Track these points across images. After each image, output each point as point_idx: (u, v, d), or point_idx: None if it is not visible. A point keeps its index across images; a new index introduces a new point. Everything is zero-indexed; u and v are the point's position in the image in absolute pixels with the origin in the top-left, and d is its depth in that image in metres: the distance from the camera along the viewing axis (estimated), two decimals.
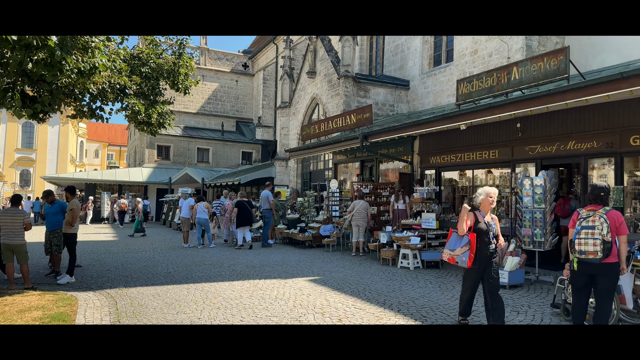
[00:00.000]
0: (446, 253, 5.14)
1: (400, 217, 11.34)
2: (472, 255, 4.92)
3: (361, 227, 11.34)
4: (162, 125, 8.32)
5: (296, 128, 22.27)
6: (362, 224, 11.30)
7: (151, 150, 30.34)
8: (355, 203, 11.41)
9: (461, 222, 4.98)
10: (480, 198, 5.07)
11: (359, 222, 11.23)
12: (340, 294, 7.09)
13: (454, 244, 5.04)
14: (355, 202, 11.51)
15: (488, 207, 5.07)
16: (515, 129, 10.07)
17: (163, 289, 7.72)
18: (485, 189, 5.14)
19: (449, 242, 5.13)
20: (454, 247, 5.01)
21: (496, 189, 5.26)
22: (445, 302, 6.49)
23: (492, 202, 5.06)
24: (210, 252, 12.39)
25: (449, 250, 5.08)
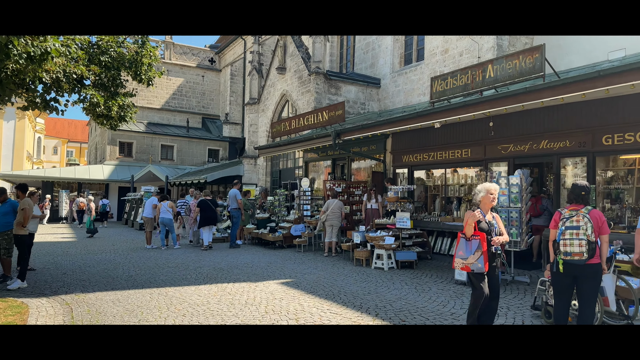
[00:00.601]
0: (458, 262, 4.68)
1: (373, 217, 11.12)
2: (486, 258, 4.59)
3: (335, 227, 11.06)
4: (124, 118, 7.77)
5: (265, 125, 21.81)
6: (337, 223, 11.03)
7: (113, 147, 29.18)
8: (330, 202, 11.11)
9: (469, 227, 4.62)
10: (480, 195, 4.76)
11: (333, 221, 10.95)
12: (315, 297, 6.77)
13: (465, 251, 4.63)
14: (329, 201, 11.21)
15: (489, 205, 4.76)
16: (488, 128, 10.01)
17: (124, 294, 7.21)
18: (485, 185, 4.82)
19: (459, 250, 4.71)
20: (467, 254, 4.59)
21: (497, 185, 4.97)
22: (423, 305, 6.27)
23: (493, 199, 4.75)
24: (174, 254, 11.83)
25: (461, 259, 4.64)
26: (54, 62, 5.60)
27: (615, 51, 10.87)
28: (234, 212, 13.05)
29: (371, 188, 11.86)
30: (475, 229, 4.60)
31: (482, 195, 4.73)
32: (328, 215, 10.96)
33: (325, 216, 10.97)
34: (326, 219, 10.99)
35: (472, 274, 4.65)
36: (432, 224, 10.66)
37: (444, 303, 6.32)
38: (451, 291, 7.04)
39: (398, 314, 5.83)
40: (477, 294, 4.68)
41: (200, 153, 31.59)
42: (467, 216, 4.72)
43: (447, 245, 10.57)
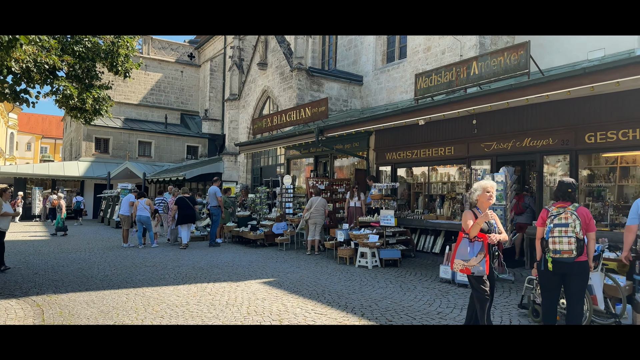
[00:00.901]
0: (458, 263, 4.47)
1: (356, 215, 10.99)
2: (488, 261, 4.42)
3: (318, 225, 10.90)
4: (99, 112, 7.44)
5: (246, 121, 21.50)
6: (320, 221, 10.87)
7: (88, 143, 28.44)
8: (313, 200, 10.93)
9: (475, 228, 4.38)
10: (477, 194, 4.56)
11: (317, 219, 10.78)
12: (298, 297, 6.60)
13: (466, 253, 4.41)
14: (312, 198, 11.02)
15: (486, 204, 4.56)
16: (471, 125, 9.98)
17: (99, 294, 6.91)
18: (482, 183, 4.62)
19: (460, 250, 4.48)
20: (468, 256, 4.38)
21: (494, 182, 4.73)
22: (409, 304, 6.15)
23: (490, 197, 4.55)
24: (152, 253, 11.50)
25: (462, 260, 4.43)
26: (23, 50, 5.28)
27: (595, 51, 10.96)
28: (213, 210, 12.78)
29: (354, 186, 11.72)
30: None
31: (479, 194, 4.55)
32: (312, 213, 10.78)
33: (309, 214, 10.80)
34: (310, 217, 10.81)
35: (472, 277, 4.48)
36: (415, 221, 10.59)
37: (430, 302, 6.22)
38: (436, 289, 6.95)
39: (384, 313, 5.70)
40: (480, 297, 4.49)
41: (179, 150, 31.05)
42: (466, 216, 4.53)
43: (430, 243, 10.51)
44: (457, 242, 4.58)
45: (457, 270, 4.49)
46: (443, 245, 10.26)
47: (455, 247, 4.58)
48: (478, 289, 4.48)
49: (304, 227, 11.24)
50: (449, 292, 6.73)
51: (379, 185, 9.87)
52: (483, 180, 4.62)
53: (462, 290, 6.85)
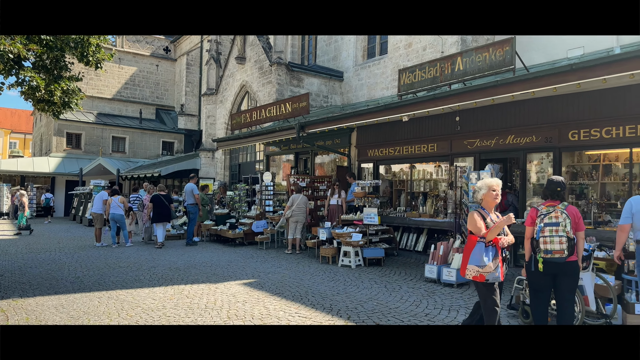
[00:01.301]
0: (472, 270, 4.10)
1: (336, 213, 10.77)
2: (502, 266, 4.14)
3: (299, 223, 10.65)
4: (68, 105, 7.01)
5: (224, 117, 21.07)
6: (302, 219, 10.63)
7: (60, 138, 27.48)
8: (295, 197, 10.65)
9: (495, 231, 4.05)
10: (482, 193, 4.28)
11: (298, 217, 10.53)
12: (281, 299, 6.35)
13: (482, 258, 4.06)
14: (294, 196, 10.74)
15: (492, 203, 4.27)
16: (454, 122, 9.89)
17: (69, 298, 6.53)
18: (486, 181, 4.31)
19: (475, 256, 4.11)
20: (484, 261, 4.03)
21: (499, 180, 4.40)
22: (396, 305, 5.98)
23: (496, 197, 4.28)
24: (126, 252, 11.07)
25: (477, 266, 4.08)
26: None
27: (574, 49, 10.98)
28: (190, 208, 12.40)
29: (334, 183, 11.49)
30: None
31: (484, 193, 4.28)
32: (293, 210, 10.52)
33: (291, 212, 10.52)
34: (291, 215, 10.55)
35: (484, 284, 4.16)
36: (397, 219, 10.45)
37: (417, 303, 6.06)
38: (422, 289, 6.80)
39: (371, 315, 5.50)
40: (489, 307, 4.19)
41: (154, 146, 30.32)
42: (474, 218, 4.20)
43: (412, 241, 10.39)
44: (468, 246, 4.22)
45: (470, 277, 4.16)
46: (426, 244, 10.16)
47: (467, 251, 4.20)
48: (488, 299, 4.17)
49: (284, 225, 10.97)
50: (435, 293, 6.58)
51: (362, 182, 9.69)
52: (487, 177, 4.32)
53: (449, 290, 6.71)
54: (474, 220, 4.19)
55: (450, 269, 6.79)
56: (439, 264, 7.09)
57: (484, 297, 4.22)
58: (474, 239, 4.19)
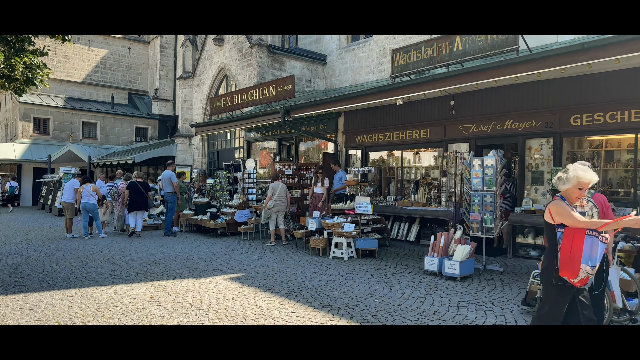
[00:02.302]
0: (585, 270, 3.25)
1: (319, 201, 10.24)
2: None
3: (281, 213, 10.10)
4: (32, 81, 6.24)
5: (201, 101, 20.23)
6: (283, 209, 10.08)
7: (26, 123, 26.04)
8: (274, 186, 10.05)
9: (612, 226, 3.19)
10: (567, 186, 3.47)
11: (280, 207, 9.97)
12: (273, 296, 5.83)
13: (597, 256, 3.27)
14: (273, 185, 10.13)
15: (575, 200, 3.51)
16: (449, 107, 9.47)
17: (36, 297, 5.87)
18: (578, 175, 3.42)
19: (589, 253, 3.27)
20: (595, 260, 3.25)
21: (594, 176, 3.47)
22: (399, 302, 5.53)
23: (580, 196, 3.47)
24: (100, 244, 10.34)
25: (591, 266, 3.25)
26: None
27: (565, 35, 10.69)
28: (168, 197, 11.70)
29: (317, 170, 10.88)
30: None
31: (569, 187, 3.48)
32: (275, 200, 9.94)
33: (272, 201, 9.93)
34: (273, 205, 9.97)
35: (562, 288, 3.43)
36: (388, 208, 10.02)
37: (421, 299, 5.63)
38: (424, 284, 6.37)
39: (375, 314, 5.04)
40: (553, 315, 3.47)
41: (127, 132, 29.13)
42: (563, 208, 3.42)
43: (404, 230, 9.99)
44: (576, 241, 3.34)
45: (577, 280, 3.32)
46: (418, 233, 9.77)
47: (576, 246, 3.33)
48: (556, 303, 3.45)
49: (269, 216, 10.35)
50: (438, 287, 6.17)
51: (355, 169, 9.18)
52: (579, 168, 3.43)
53: (452, 284, 6.31)
54: (567, 211, 3.40)
55: (452, 261, 6.39)
56: (440, 256, 6.68)
57: (554, 301, 3.46)
58: (582, 232, 3.35)
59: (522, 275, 6.85)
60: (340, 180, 10.63)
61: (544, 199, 8.26)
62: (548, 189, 8.19)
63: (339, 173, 10.71)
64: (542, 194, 8.34)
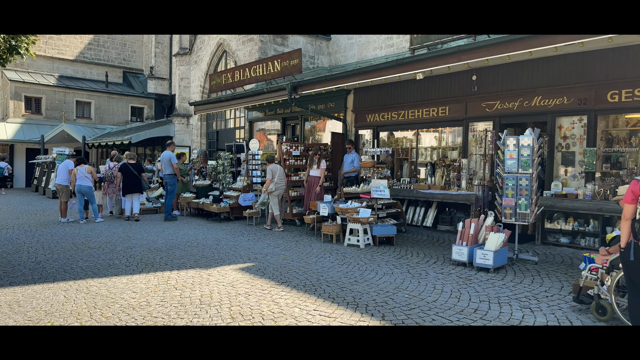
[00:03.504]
0: None
1: (314, 186, 9.44)
2: None
3: (279, 197, 9.52)
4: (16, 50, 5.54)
5: (199, 79, 19.42)
6: (282, 192, 9.51)
7: (17, 102, 25.15)
8: (274, 168, 9.32)
9: None
10: None
11: (280, 190, 9.38)
12: (291, 290, 5.26)
13: None
14: (272, 167, 9.39)
15: None
16: (470, 82, 8.80)
17: (27, 291, 5.29)
18: None
19: None
20: None
21: None
22: (432, 298, 4.97)
23: None
24: (96, 229, 9.74)
25: None
26: None
27: None
28: (168, 179, 11.07)
29: (316, 152, 9.75)
30: None
31: None
32: (277, 183, 9.30)
33: (274, 185, 9.28)
34: (275, 188, 9.31)
35: None
36: (403, 191, 9.43)
37: (456, 294, 5.07)
38: (454, 276, 5.82)
39: (408, 313, 4.48)
40: None
41: (123, 111, 28.27)
42: None
43: (420, 215, 9.42)
44: None
45: None
46: (435, 218, 9.21)
47: None
48: None
49: (266, 201, 9.67)
50: (471, 280, 5.61)
51: (372, 150, 8.55)
52: None
53: (485, 277, 5.75)
54: None
55: (485, 250, 5.82)
56: (470, 245, 6.12)
57: None
58: None
59: (558, 266, 6.30)
60: (353, 162, 10.00)
61: (575, 182, 7.68)
62: (580, 171, 7.60)
63: (352, 154, 10.07)
64: (572, 176, 7.75)
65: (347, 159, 10.25)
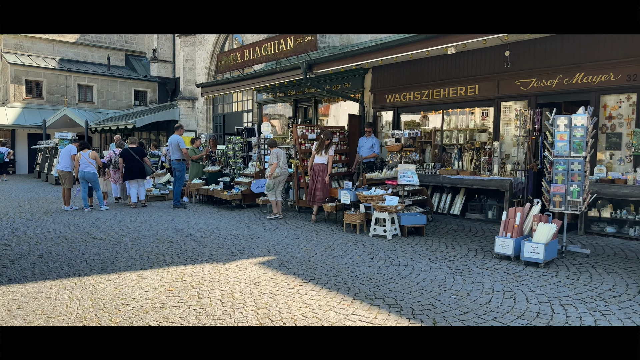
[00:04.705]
0: None
1: (319, 175, 8.37)
2: None
3: (282, 183, 8.98)
4: None
5: (204, 61, 18.71)
6: (285, 178, 8.97)
7: (18, 86, 24.52)
8: (278, 153, 8.71)
9: None
10: None
11: (285, 176, 8.86)
12: (321, 289, 4.70)
13: None
14: (276, 151, 8.79)
15: None
16: (503, 58, 8.12)
17: (27, 290, 4.75)
18: None
19: None
20: None
21: None
22: (484, 299, 4.39)
23: None
24: (102, 218, 9.20)
25: None
26: None
27: None
28: (176, 165, 10.48)
29: (328, 136, 8.49)
30: None
31: None
32: (282, 167, 8.73)
33: (279, 169, 8.69)
34: (280, 173, 8.74)
35: None
36: (428, 177, 8.81)
37: (510, 295, 4.49)
38: (501, 272, 5.24)
39: (463, 319, 3.91)
40: None
41: (126, 95, 27.61)
42: None
43: (446, 203, 8.83)
44: None
45: None
46: (464, 206, 8.61)
47: None
48: None
49: (272, 187, 9.04)
50: (522, 277, 5.03)
51: (399, 132, 7.92)
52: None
53: (536, 273, 5.17)
54: None
55: (535, 243, 5.23)
56: (515, 237, 5.53)
57: None
58: None
59: (612, 259, 5.71)
60: (373, 147, 9.36)
61: (621, 166, 7.06)
62: (627, 155, 6.97)
63: (371, 139, 9.43)
64: (618, 160, 7.12)
65: (365, 143, 9.59)
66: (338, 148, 9.88)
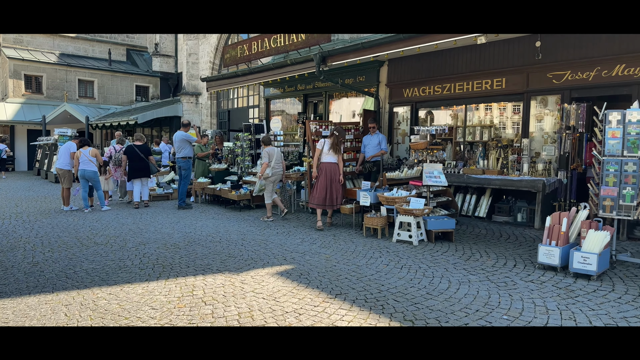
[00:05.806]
0: None
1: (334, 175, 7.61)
2: None
3: (277, 182, 8.51)
4: None
5: (208, 54, 18.14)
6: (280, 177, 8.52)
7: (17, 81, 23.96)
8: (270, 151, 8.20)
9: None
10: None
11: (278, 175, 8.32)
12: (351, 307, 4.15)
13: None
14: (269, 149, 8.24)
15: None
16: (534, 49, 7.54)
17: (19, 306, 4.23)
18: None
19: None
20: None
21: None
22: (538, 319, 3.85)
23: None
24: (103, 220, 8.67)
25: None
26: None
27: None
28: (181, 163, 9.93)
29: (341, 133, 7.94)
30: None
31: None
32: (273, 167, 8.17)
33: (271, 169, 8.14)
34: (272, 174, 8.19)
35: None
36: (452, 176, 8.25)
37: (569, 315, 3.92)
38: (549, 285, 4.68)
39: None
40: None
41: (127, 90, 27.04)
42: None
43: (471, 204, 8.27)
44: None
45: None
46: (491, 207, 8.06)
47: None
48: None
49: (264, 187, 8.53)
50: (574, 292, 4.47)
51: (425, 129, 7.33)
52: None
53: (590, 287, 4.61)
54: None
55: (586, 253, 4.68)
56: (561, 245, 4.97)
57: None
58: None
59: None
60: (380, 144, 8.78)
61: None
62: None
63: (377, 135, 8.85)
64: None
65: (371, 141, 8.92)
66: (352, 145, 9.33)
